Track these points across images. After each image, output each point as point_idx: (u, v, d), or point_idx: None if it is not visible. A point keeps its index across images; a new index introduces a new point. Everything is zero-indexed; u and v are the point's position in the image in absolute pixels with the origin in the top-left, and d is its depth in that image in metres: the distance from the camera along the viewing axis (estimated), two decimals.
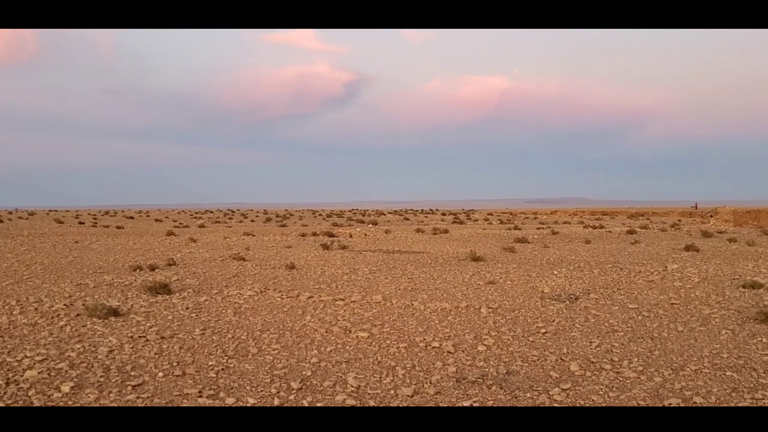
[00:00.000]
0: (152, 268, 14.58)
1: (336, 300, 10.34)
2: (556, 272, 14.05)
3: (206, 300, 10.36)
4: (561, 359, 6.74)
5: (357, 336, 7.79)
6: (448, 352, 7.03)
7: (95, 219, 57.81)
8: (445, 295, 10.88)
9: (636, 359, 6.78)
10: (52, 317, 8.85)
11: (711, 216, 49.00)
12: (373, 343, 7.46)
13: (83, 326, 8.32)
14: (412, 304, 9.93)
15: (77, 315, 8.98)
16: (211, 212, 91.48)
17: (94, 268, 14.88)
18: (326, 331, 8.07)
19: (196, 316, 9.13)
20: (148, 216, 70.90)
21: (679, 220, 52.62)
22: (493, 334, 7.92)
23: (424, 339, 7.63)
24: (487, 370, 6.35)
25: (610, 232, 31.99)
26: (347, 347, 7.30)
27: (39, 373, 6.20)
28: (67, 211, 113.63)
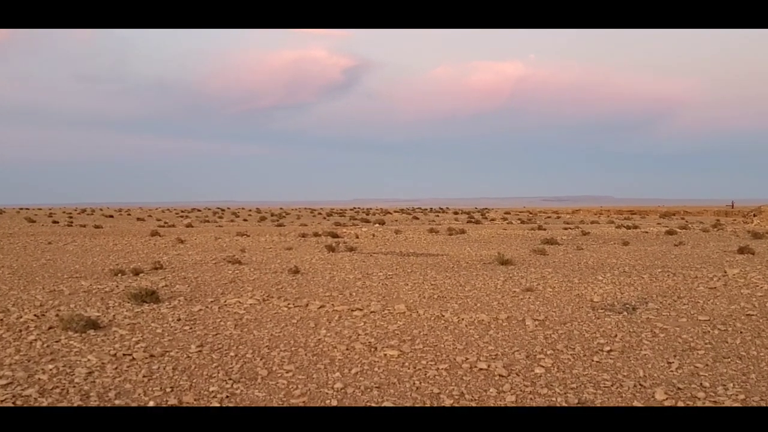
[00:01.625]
0: (136, 272, 14.06)
1: (352, 310, 9.76)
2: (600, 278, 13.44)
3: (201, 310, 9.81)
4: (640, 384, 6.06)
5: (385, 354, 7.13)
6: (500, 375, 6.36)
7: (71, 218, 57.32)
8: (478, 305, 10.29)
9: (731, 384, 6.09)
10: (20, 330, 8.25)
11: (754, 215, 48.34)
12: (406, 364, 6.79)
13: (57, 341, 7.73)
14: (443, 316, 9.33)
15: (50, 328, 8.41)
16: (199, 210, 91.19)
17: (70, 273, 14.38)
18: (347, 349, 7.41)
19: (190, 329, 8.53)
20: (129, 215, 70.34)
21: (718, 220, 51.93)
22: (548, 352, 7.25)
23: (467, 358, 6.96)
24: (553, 398, 5.67)
25: (646, 232, 31.40)
26: (375, 369, 6.63)
27: (2, 401, 5.53)
28: (40, 209, 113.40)
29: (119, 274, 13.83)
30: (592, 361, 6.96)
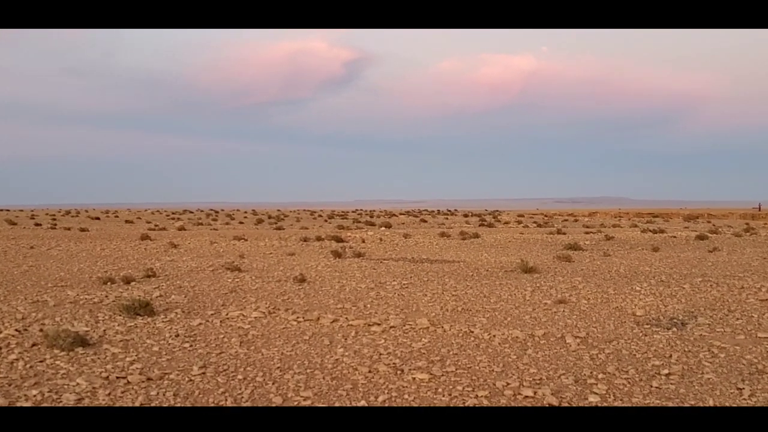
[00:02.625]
0: (127, 280, 13.66)
1: (370, 325, 9.36)
2: (638, 288, 13.05)
3: (201, 324, 9.41)
4: None
5: (414, 378, 6.69)
6: (551, 405, 5.87)
7: (54, 220, 56.95)
8: (509, 319, 9.90)
9: None
10: (0, 348, 7.79)
11: None
12: (440, 390, 6.33)
13: (41, 361, 7.30)
14: (472, 332, 8.94)
15: (33, 345, 7.97)
16: (191, 212, 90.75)
17: (55, 281, 13.96)
18: (369, 371, 6.96)
19: (191, 346, 8.11)
20: (117, 216, 70.08)
21: (747, 224, 51.44)
22: (599, 376, 6.80)
23: (508, 383, 6.50)
24: None
25: (674, 237, 30.98)
26: (405, 396, 6.18)
27: None
28: (21, 210, 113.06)
29: (108, 283, 13.44)
30: (651, 386, 6.50)
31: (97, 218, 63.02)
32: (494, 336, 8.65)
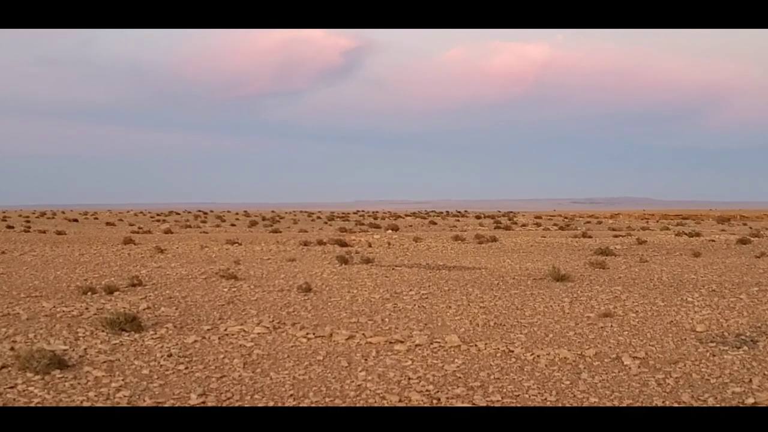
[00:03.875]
0: (110, 290, 13.27)
1: (391, 342, 8.94)
2: (689, 299, 12.59)
3: (196, 341, 8.98)
4: None
5: None
6: None
7: (28, 222, 56.60)
8: (551, 336, 9.46)
9: None
10: None
11: None
12: None
13: (12, 387, 6.87)
14: (512, 351, 8.48)
15: (3, 367, 7.55)
16: (178, 214, 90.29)
17: (28, 290, 13.57)
18: (400, 400, 6.48)
19: (186, 369, 7.67)
20: (97, 218, 69.81)
21: None
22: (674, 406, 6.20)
23: None
24: None
25: (713, 241, 30.62)
26: None
27: None
28: None
29: (89, 293, 13.03)
30: None
31: (75, 220, 62.73)
32: (538, 356, 8.21)
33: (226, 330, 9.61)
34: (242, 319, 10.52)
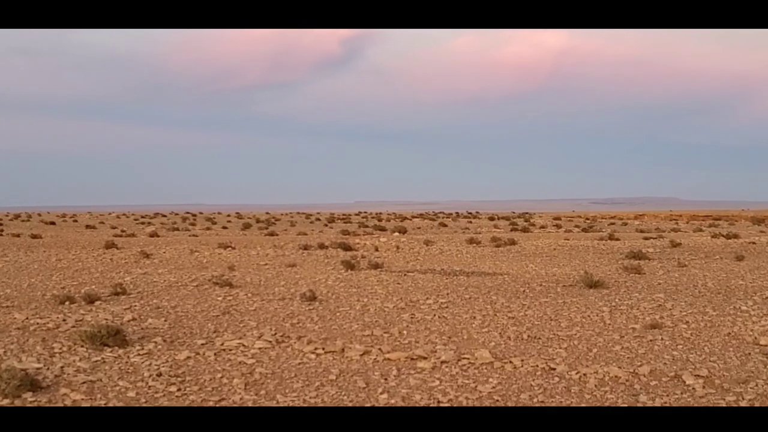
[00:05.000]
0: (90, 299, 12.98)
1: (412, 359, 8.64)
2: (743, 307, 12.39)
3: (189, 358, 8.68)
4: None
5: None
6: None
7: (0, 224, 56.33)
8: (595, 350, 9.15)
9: None
10: None
11: None
12: None
13: None
14: (553, 369, 8.21)
15: None
16: (164, 216, 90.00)
17: None
18: None
19: (179, 390, 7.34)
20: (76, 221, 69.54)
21: None
22: None
23: None
24: None
25: (753, 243, 30.37)
26: None
27: None
28: None
29: (67, 302, 12.77)
30: None
31: (52, 223, 62.49)
32: (585, 375, 7.91)
33: (222, 344, 9.35)
34: (240, 331, 10.28)
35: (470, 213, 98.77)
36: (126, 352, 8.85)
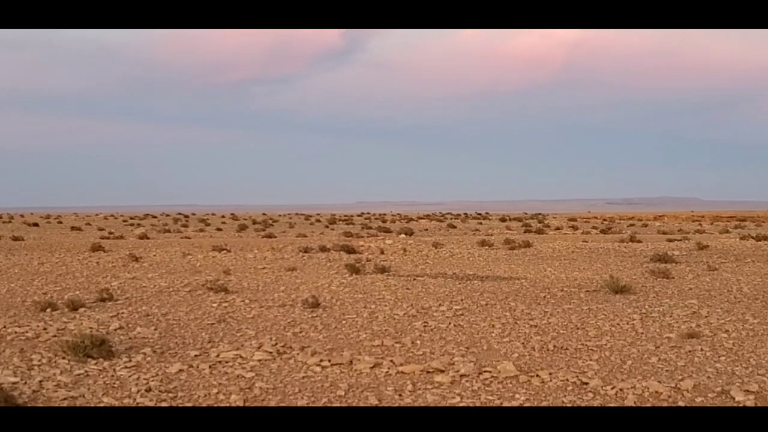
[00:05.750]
0: (74, 305, 12.86)
1: (430, 372, 8.37)
2: None
3: (182, 371, 8.54)
4: None
5: None
6: None
7: None
8: (630, 362, 8.90)
9: None
10: None
11: None
12: None
13: None
14: (585, 384, 7.98)
15: None
16: (154, 217, 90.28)
17: None
18: None
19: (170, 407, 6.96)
20: (61, 222, 69.69)
21: None
22: None
23: None
24: None
25: None
26: None
27: None
28: None
29: (48, 309, 12.67)
30: None
31: (36, 224, 62.48)
32: (622, 390, 7.64)
33: (218, 356, 9.22)
34: (238, 341, 10.17)
35: (479, 214, 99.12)
36: (112, 364, 8.70)
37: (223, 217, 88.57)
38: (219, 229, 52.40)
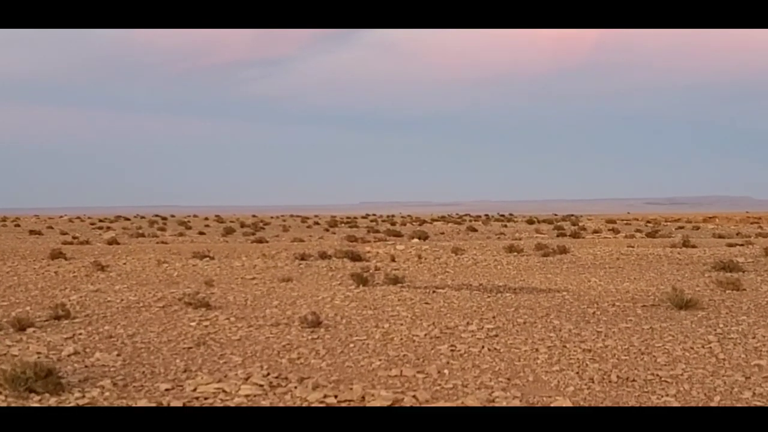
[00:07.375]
0: (20, 325, 12.54)
1: None
2: None
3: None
4: None
5: None
6: None
7: None
8: (717, 398, 8.47)
9: None
10: None
11: None
12: None
13: None
14: None
15: None
16: (127, 219, 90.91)
17: None
18: None
19: None
20: (18, 225, 69.83)
21: None
22: None
23: None
24: None
25: None
26: None
27: None
28: None
29: None
30: None
31: None
32: None
33: (195, 390, 8.96)
34: (221, 370, 9.96)
35: (502, 215, 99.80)
36: (62, 401, 8.39)
37: (206, 219, 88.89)
38: (201, 233, 52.74)
